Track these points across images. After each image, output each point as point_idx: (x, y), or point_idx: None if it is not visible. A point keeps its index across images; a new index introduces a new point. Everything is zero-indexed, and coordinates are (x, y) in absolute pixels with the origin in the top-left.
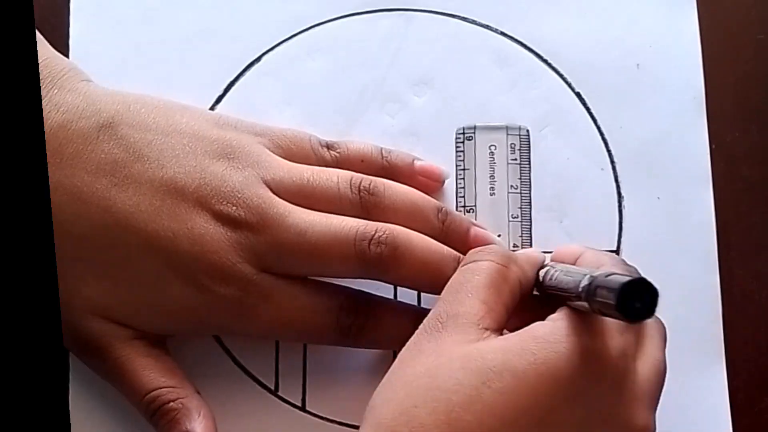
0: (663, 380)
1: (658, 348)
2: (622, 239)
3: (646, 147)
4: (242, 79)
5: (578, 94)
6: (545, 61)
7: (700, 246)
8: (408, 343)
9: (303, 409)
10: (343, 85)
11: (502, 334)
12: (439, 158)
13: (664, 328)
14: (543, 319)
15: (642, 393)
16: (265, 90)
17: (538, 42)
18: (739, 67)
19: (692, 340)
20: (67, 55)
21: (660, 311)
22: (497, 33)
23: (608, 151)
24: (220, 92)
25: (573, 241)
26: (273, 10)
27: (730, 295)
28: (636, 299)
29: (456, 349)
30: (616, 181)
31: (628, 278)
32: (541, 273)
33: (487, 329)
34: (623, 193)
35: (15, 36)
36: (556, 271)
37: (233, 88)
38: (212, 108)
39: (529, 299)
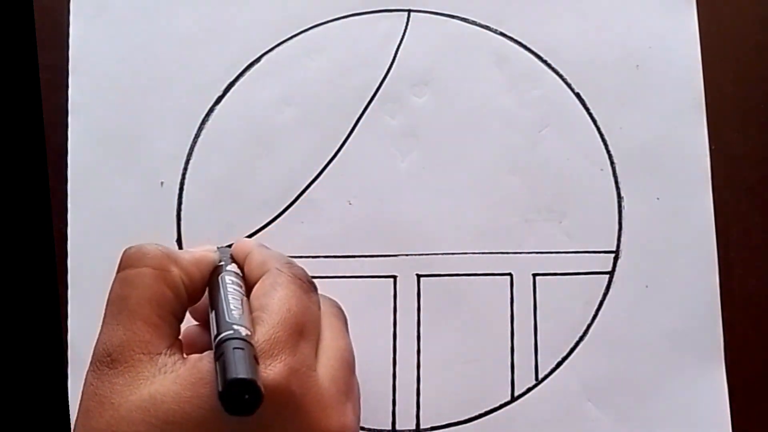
0: (350, 365)
1: (339, 336)
2: (622, 239)
3: (645, 147)
4: (242, 79)
5: (578, 95)
6: (545, 62)
7: (700, 246)
8: (85, 388)
9: None
10: (343, 85)
11: (181, 351)
12: (438, 158)
13: (341, 308)
14: None
15: (329, 398)
16: (265, 90)
17: (538, 42)
18: (739, 67)
19: (692, 340)
20: (67, 55)
21: (660, 312)
22: (497, 33)
23: (608, 151)
24: (220, 92)
25: (573, 242)
26: (273, 10)
27: (730, 296)
28: (243, 394)
29: (132, 398)
30: (616, 181)
31: (237, 377)
32: (220, 275)
33: (159, 354)
34: (623, 194)
35: (15, 36)
36: (229, 283)
37: (233, 88)
38: (212, 108)
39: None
